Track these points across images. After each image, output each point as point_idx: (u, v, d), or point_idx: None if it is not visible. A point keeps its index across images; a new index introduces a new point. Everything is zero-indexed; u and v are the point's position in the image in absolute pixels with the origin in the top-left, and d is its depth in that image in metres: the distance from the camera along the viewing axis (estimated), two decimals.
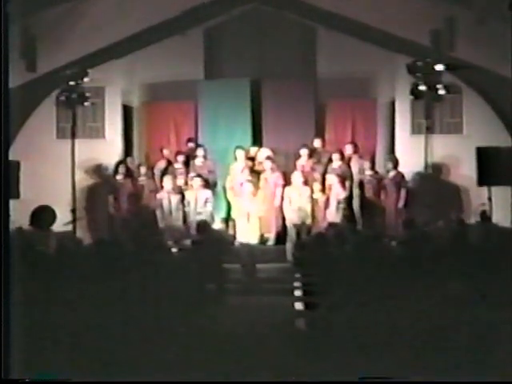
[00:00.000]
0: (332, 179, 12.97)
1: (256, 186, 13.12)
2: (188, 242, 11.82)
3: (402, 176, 13.12)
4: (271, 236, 13.15)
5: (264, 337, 6.31)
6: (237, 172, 13.41)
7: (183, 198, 13.09)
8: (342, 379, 5.41)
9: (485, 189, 12.42)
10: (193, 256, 9.65)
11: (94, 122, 14.51)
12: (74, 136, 12.03)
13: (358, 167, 13.41)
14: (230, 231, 13.23)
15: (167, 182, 13.06)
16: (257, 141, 14.23)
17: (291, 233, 12.72)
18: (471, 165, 12.72)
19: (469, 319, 5.70)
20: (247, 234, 12.62)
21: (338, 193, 12.83)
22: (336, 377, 5.44)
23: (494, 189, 12.33)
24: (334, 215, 12.66)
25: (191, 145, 14.14)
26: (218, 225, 13.14)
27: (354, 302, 6.24)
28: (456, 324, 5.69)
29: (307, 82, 14.64)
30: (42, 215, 8.07)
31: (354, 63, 14.16)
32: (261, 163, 13.52)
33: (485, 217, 11.48)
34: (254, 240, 12.61)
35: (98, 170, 14.12)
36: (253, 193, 12.86)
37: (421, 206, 12.35)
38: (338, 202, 12.78)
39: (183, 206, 13.02)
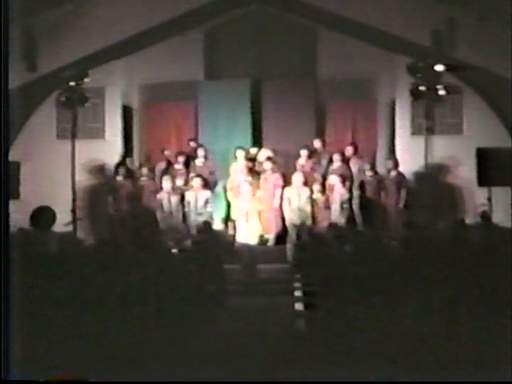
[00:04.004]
0: (335, 180, 12.96)
1: (256, 186, 13.13)
2: (188, 242, 11.81)
3: (403, 176, 13.13)
4: (271, 237, 13.15)
5: (264, 337, 6.31)
6: (237, 172, 13.42)
7: (183, 198, 13.09)
8: (342, 379, 5.41)
9: (485, 189, 12.41)
10: (193, 257, 9.65)
11: (95, 122, 14.53)
12: (74, 136, 12.02)
13: (358, 168, 13.42)
14: (230, 232, 13.24)
15: (166, 182, 13.06)
16: (257, 141, 14.24)
17: (291, 233, 12.71)
18: (471, 165, 12.71)
19: (469, 319, 5.70)
20: (247, 234, 12.62)
21: (341, 193, 12.82)
22: (336, 377, 5.44)
23: (494, 189, 12.33)
24: (338, 216, 12.66)
25: (192, 145, 14.15)
26: (218, 225, 13.14)
27: (354, 303, 6.23)
28: (456, 324, 5.69)
29: (307, 83, 14.66)
30: (42, 216, 8.06)
31: (354, 64, 14.18)
32: (261, 164, 13.53)
33: (485, 217, 11.47)
34: (253, 240, 12.61)
35: (98, 170, 14.11)
36: (251, 193, 12.86)
37: (421, 207, 12.34)
38: (342, 203, 12.78)
39: (183, 206, 13.02)
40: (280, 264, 12.11)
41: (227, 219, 13.45)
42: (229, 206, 13.47)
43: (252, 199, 12.87)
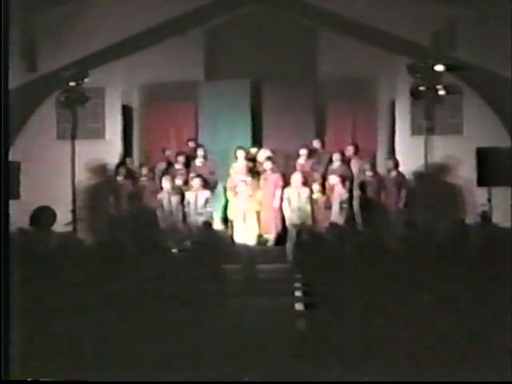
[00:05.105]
0: (335, 180, 12.97)
1: (255, 186, 13.14)
2: (188, 242, 11.81)
3: (403, 176, 13.13)
4: (271, 236, 13.15)
5: (264, 337, 6.30)
6: (237, 172, 13.42)
7: (183, 198, 13.09)
8: (342, 379, 5.42)
9: (485, 189, 12.42)
10: (193, 256, 9.65)
11: (95, 122, 14.51)
12: (74, 137, 12.02)
13: (358, 168, 13.42)
14: (230, 232, 13.24)
15: (166, 182, 13.07)
16: (257, 141, 14.24)
17: (291, 233, 12.72)
18: (471, 165, 12.72)
19: (469, 319, 5.70)
20: (244, 234, 12.63)
21: (341, 193, 12.83)
22: (336, 377, 5.44)
23: (493, 189, 12.33)
24: (337, 215, 12.67)
25: (191, 145, 14.15)
26: (218, 225, 13.14)
27: (354, 303, 6.23)
28: (456, 324, 5.69)
29: (307, 83, 14.65)
30: (43, 216, 8.08)
31: (354, 64, 14.17)
32: (261, 164, 13.53)
33: (485, 217, 11.48)
34: (251, 240, 12.63)
35: (98, 170, 14.12)
36: (249, 193, 12.88)
37: (421, 207, 12.35)
38: (342, 203, 12.79)
39: (183, 206, 13.02)
40: (280, 264, 12.10)
41: (226, 219, 13.45)
42: (226, 206, 13.45)
43: (249, 199, 12.88)
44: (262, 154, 13.68)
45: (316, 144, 13.84)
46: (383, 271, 6.80)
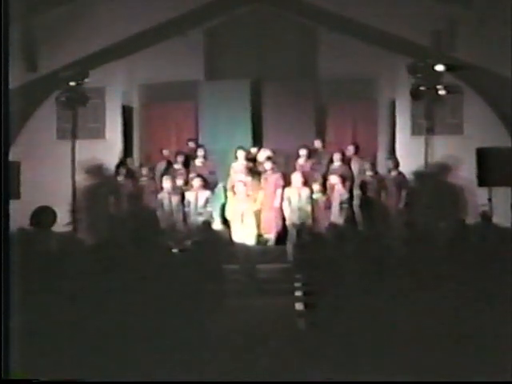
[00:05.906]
0: (335, 179, 12.97)
1: (255, 186, 13.13)
2: (188, 242, 11.80)
3: (403, 176, 13.12)
4: (271, 236, 13.15)
5: (264, 337, 6.31)
6: (237, 172, 13.42)
7: (183, 198, 13.09)
8: (342, 379, 5.42)
9: (485, 189, 12.41)
10: (193, 256, 9.65)
11: (95, 122, 14.52)
12: (74, 136, 12.02)
13: (359, 168, 13.42)
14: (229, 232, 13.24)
15: (166, 182, 13.07)
16: (257, 141, 14.24)
17: (291, 233, 12.71)
18: (471, 165, 12.71)
19: (469, 319, 5.70)
20: (242, 234, 12.64)
21: (341, 193, 12.84)
22: (336, 377, 5.44)
23: (494, 189, 12.32)
24: (337, 215, 12.67)
25: (190, 145, 14.15)
26: (218, 225, 13.14)
27: (354, 303, 6.24)
28: (456, 324, 5.69)
29: (308, 83, 14.66)
30: (43, 216, 8.08)
31: (354, 64, 14.18)
32: (261, 164, 13.53)
33: (485, 217, 11.47)
34: (249, 241, 12.63)
35: (98, 170, 14.11)
36: (247, 193, 12.88)
37: (421, 207, 12.34)
38: (342, 203, 12.79)
39: (183, 206, 13.02)
40: (280, 264, 12.10)
41: (225, 219, 13.44)
42: (224, 206, 13.44)
43: (247, 199, 12.88)
44: (263, 154, 13.68)
45: (316, 144, 13.84)
46: (383, 271, 6.80)
